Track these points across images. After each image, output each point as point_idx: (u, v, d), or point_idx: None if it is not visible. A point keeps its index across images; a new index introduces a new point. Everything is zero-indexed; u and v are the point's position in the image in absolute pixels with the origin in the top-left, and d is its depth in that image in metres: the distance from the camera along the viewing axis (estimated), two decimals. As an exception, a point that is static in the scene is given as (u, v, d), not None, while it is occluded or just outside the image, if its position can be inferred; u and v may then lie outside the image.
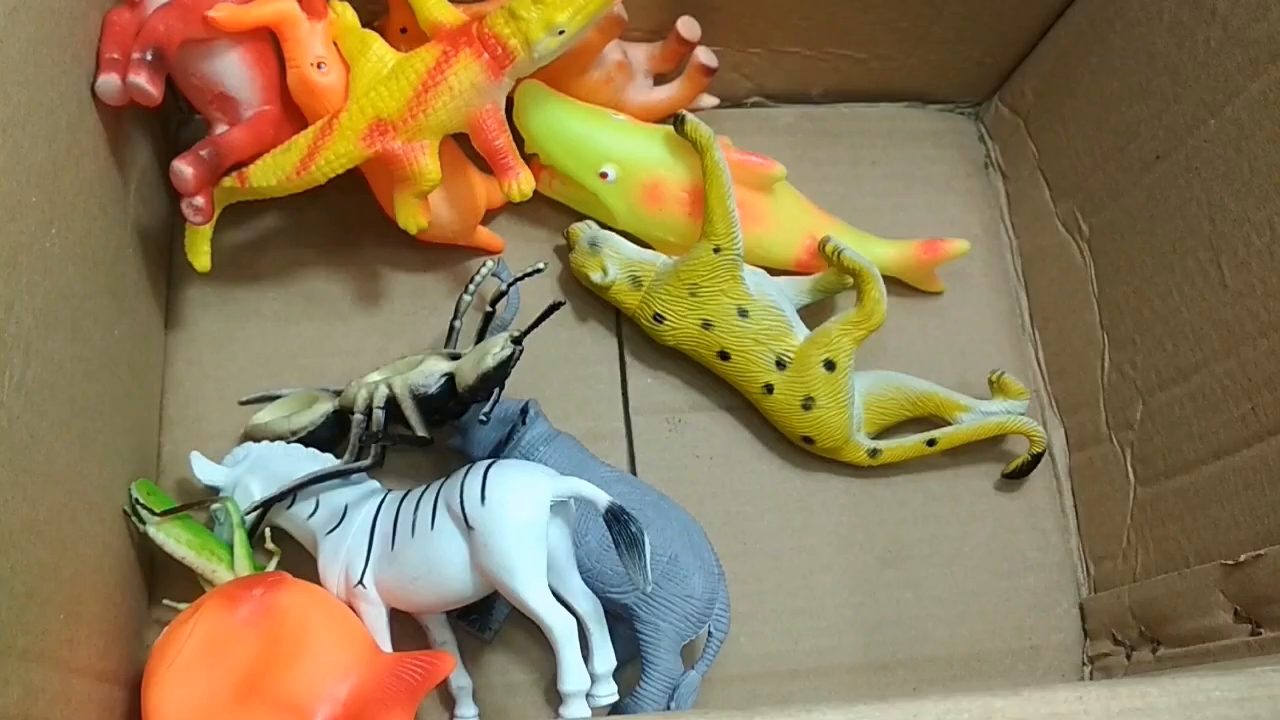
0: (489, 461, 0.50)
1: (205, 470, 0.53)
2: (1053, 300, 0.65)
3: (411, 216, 0.54)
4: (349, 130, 0.52)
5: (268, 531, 0.53)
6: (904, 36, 0.66)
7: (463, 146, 0.56)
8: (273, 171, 0.52)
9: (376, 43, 0.53)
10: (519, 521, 0.47)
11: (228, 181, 0.53)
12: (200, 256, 0.55)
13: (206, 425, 0.57)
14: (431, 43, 0.52)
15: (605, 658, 0.50)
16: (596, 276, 0.59)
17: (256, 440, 0.55)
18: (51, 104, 0.43)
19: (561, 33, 0.51)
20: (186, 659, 0.45)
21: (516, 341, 0.51)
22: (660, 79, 0.64)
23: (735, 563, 0.57)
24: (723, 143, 0.58)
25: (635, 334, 0.61)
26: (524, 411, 0.54)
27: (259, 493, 0.52)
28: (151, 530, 0.50)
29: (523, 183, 0.53)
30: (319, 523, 0.52)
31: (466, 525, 0.48)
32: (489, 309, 0.56)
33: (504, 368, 0.51)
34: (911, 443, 0.60)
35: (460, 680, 0.53)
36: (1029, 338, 0.67)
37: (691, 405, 0.62)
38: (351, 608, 0.50)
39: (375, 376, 0.55)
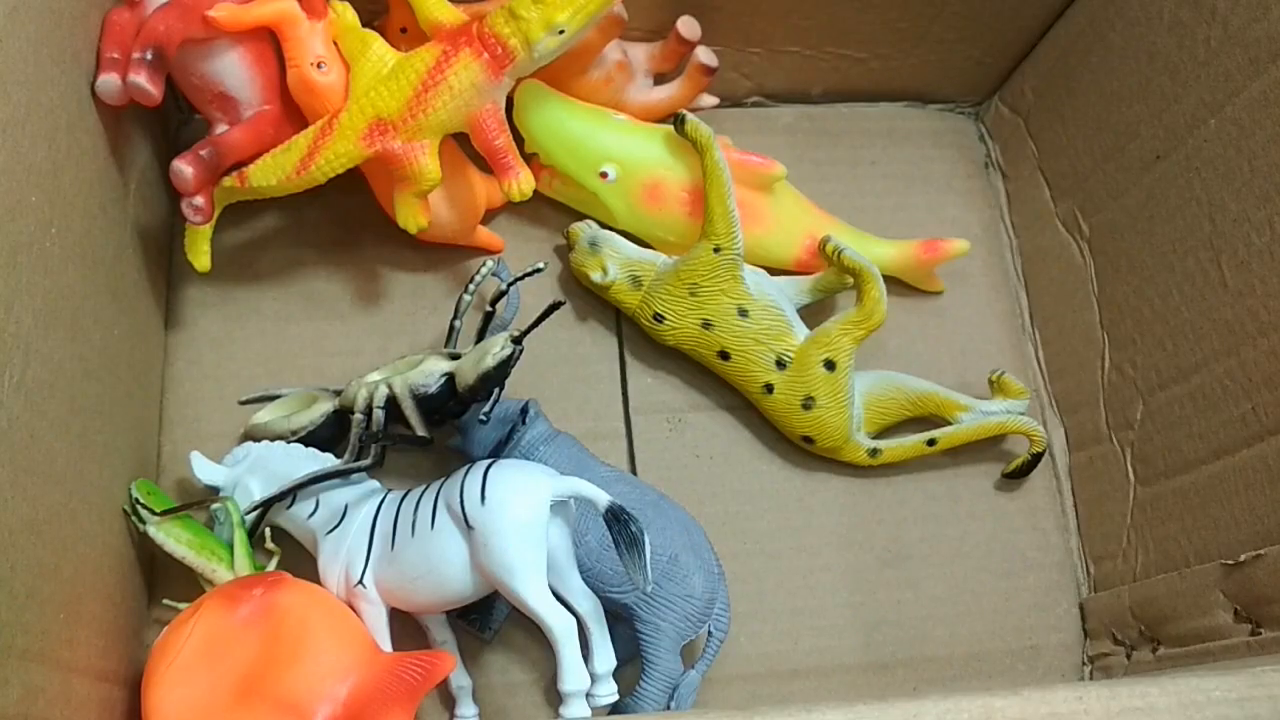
0: (489, 461, 0.50)
1: (205, 470, 0.53)
2: (1053, 300, 0.65)
3: (412, 216, 0.54)
4: (349, 130, 0.52)
5: (268, 531, 0.53)
6: (904, 36, 0.66)
7: (463, 146, 0.56)
8: (272, 171, 0.52)
9: (376, 42, 0.53)
10: (519, 521, 0.47)
11: (227, 181, 0.53)
12: (200, 256, 0.55)
13: (206, 425, 0.57)
14: (431, 42, 0.52)
15: (605, 657, 0.50)
16: (596, 276, 0.59)
17: (256, 440, 0.55)
18: (51, 104, 0.43)
19: (561, 32, 0.51)
20: (186, 659, 0.45)
21: (516, 341, 0.51)
22: (660, 79, 0.64)
23: (735, 563, 0.57)
24: (723, 142, 0.58)
25: (635, 334, 0.61)
26: (524, 411, 0.54)
27: (259, 493, 0.52)
28: (151, 530, 0.50)
29: (523, 182, 0.53)
30: (319, 523, 0.52)
31: (466, 525, 0.48)
32: (489, 309, 0.56)
33: (504, 367, 0.51)
34: (911, 443, 0.60)
35: (460, 680, 0.53)
36: (1029, 338, 0.67)
37: (691, 405, 0.62)
38: (351, 608, 0.50)
39: (375, 376, 0.55)
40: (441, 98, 0.51)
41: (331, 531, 0.52)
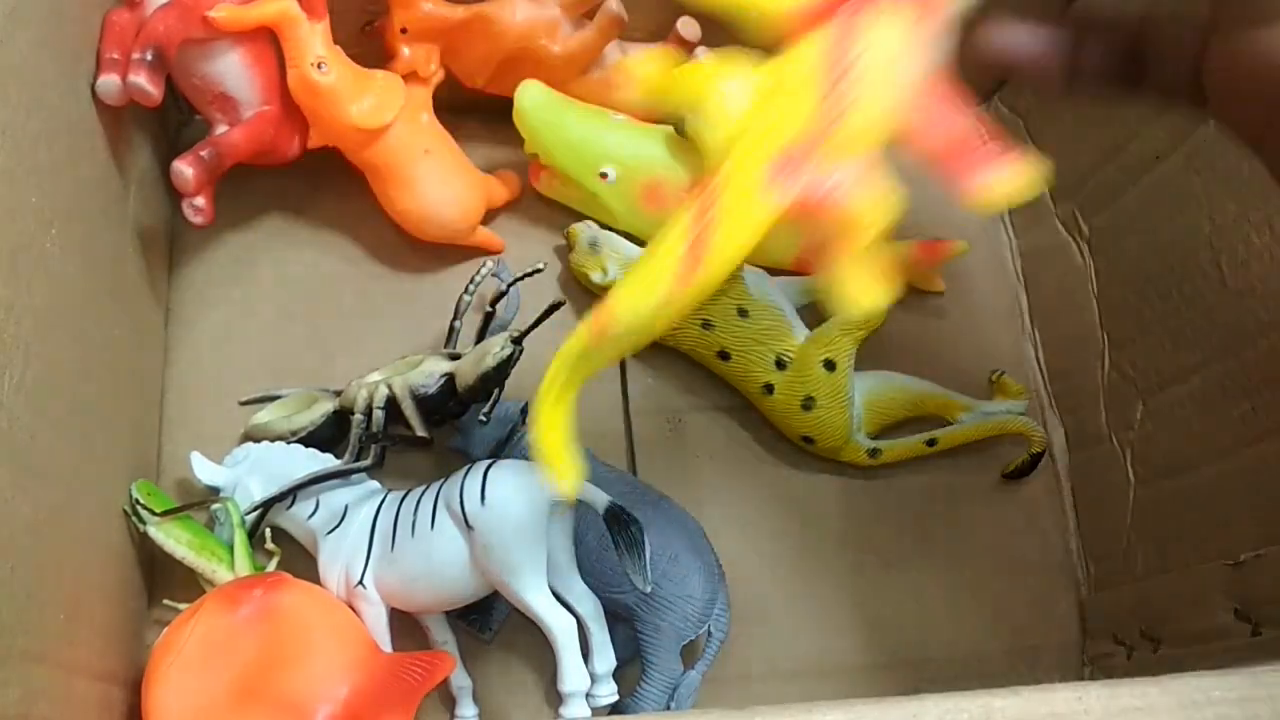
0: (489, 461, 0.50)
1: (205, 470, 0.53)
2: (1053, 300, 0.65)
3: (864, 288, 0.35)
4: (741, 185, 0.35)
5: (268, 531, 0.53)
6: (904, 36, 0.66)
7: (461, 143, 0.56)
8: (641, 296, 0.37)
9: (729, 70, 0.40)
10: (519, 522, 0.47)
11: (581, 341, 0.39)
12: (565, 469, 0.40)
13: (206, 425, 0.57)
14: (806, 26, 0.36)
15: (605, 658, 0.50)
16: (597, 277, 0.59)
17: (256, 440, 0.55)
18: (52, 104, 0.43)
19: None
20: (186, 659, 0.45)
21: (517, 342, 0.51)
22: (660, 79, 0.64)
23: (735, 563, 0.56)
24: (723, 143, 0.58)
25: (635, 334, 0.61)
26: (524, 411, 0.54)
27: (259, 493, 0.52)
28: (151, 530, 0.50)
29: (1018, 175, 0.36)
30: (319, 523, 0.52)
31: (466, 525, 0.48)
32: (489, 309, 0.56)
33: (504, 368, 0.51)
34: (911, 443, 0.60)
35: (460, 680, 0.53)
36: (1029, 338, 0.67)
37: (691, 405, 0.62)
38: (351, 608, 0.50)
39: (375, 376, 0.55)
40: (859, 89, 0.34)
41: (331, 532, 0.52)
